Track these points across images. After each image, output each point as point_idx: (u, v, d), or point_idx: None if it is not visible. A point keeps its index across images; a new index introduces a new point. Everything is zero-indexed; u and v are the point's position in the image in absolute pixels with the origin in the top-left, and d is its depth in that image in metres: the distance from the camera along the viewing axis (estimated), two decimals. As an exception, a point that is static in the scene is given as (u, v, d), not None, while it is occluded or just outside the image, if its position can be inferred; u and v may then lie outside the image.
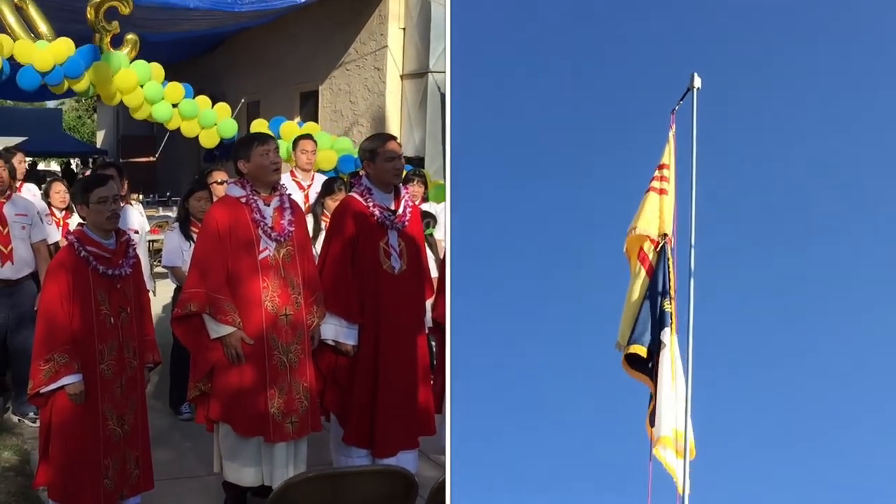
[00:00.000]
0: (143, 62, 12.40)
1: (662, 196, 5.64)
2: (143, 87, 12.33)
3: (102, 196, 5.03)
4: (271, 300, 5.42)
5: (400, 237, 5.90)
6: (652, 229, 5.57)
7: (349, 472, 4.32)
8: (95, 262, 5.00)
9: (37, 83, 11.63)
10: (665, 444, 5.14)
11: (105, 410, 5.04)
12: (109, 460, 5.06)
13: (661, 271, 5.56)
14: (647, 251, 5.60)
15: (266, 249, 5.45)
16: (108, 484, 5.05)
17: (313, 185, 8.79)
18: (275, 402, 5.39)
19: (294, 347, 5.48)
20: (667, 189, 5.64)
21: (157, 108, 12.64)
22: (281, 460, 5.47)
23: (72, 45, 11.76)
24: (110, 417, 5.06)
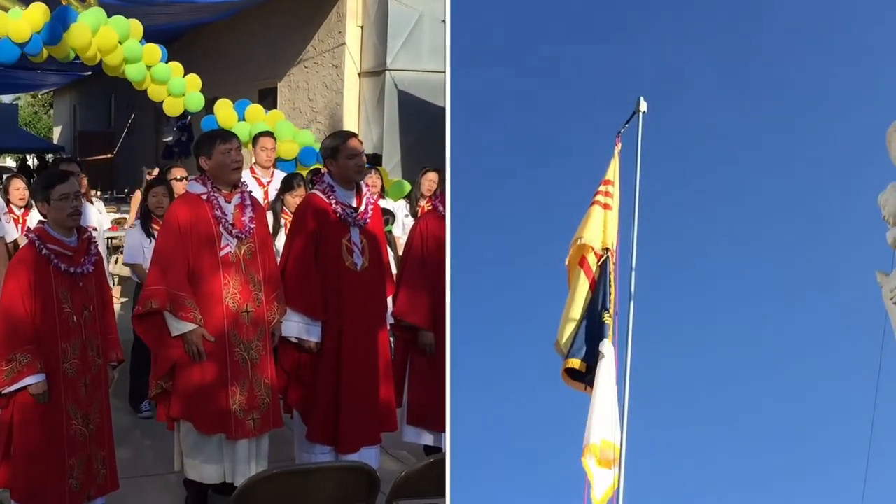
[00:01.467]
0: (121, 17, 11.88)
1: (607, 211, 5.69)
2: (122, 44, 11.85)
3: (64, 193, 4.94)
4: (232, 297, 5.38)
5: (362, 234, 5.89)
6: (596, 242, 5.61)
7: (312, 468, 4.31)
8: (57, 260, 4.91)
9: (16, 56, 11.09)
10: (591, 452, 5.18)
11: (69, 410, 4.95)
12: (74, 460, 4.97)
13: (601, 285, 5.60)
14: (591, 264, 5.65)
15: (227, 246, 5.40)
16: (73, 484, 4.97)
17: (273, 182, 8.76)
18: (236, 399, 5.35)
19: (255, 344, 5.44)
20: (611, 205, 5.71)
21: (132, 68, 12.17)
22: (243, 457, 5.43)
23: (46, 10, 11.14)
24: (74, 417, 4.97)
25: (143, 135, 22.09)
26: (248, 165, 8.77)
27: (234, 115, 12.27)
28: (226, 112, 12.39)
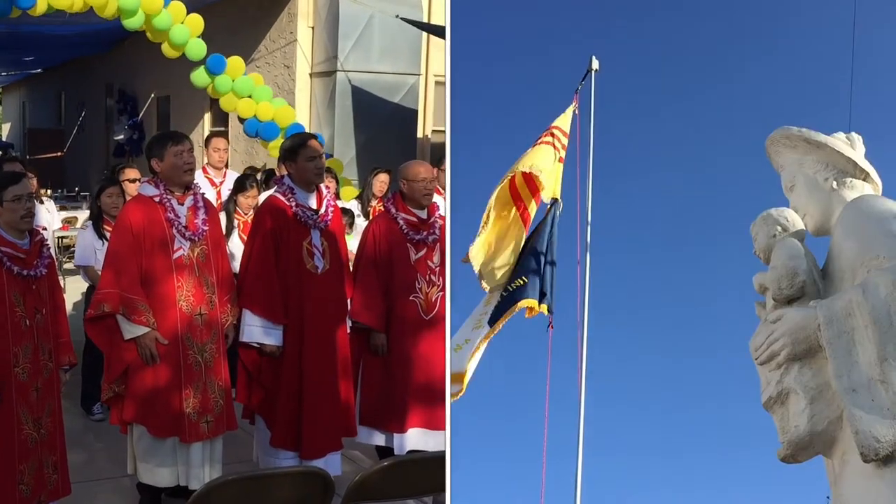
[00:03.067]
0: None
1: (560, 163, 5.74)
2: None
3: (17, 194, 4.80)
4: (186, 300, 5.30)
5: (322, 236, 5.85)
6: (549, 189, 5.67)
7: (267, 473, 4.24)
8: (10, 262, 4.78)
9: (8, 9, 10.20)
10: None
11: (20, 414, 4.82)
12: (25, 465, 4.84)
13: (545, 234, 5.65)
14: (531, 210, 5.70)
15: (180, 249, 5.33)
16: (23, 490, 4.84)
17: (226, 183, 8.67)
18: (190, 402, 5.29)
19: (209, 347, 5.38)
20: (563, 157, 5.76)
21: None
22: (197, 460, 5.37)
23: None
24: (25, 422, 4.84)
25: (94, 133, 21.78)
26: (200, 166, 8.68)
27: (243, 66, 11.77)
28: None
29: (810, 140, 3.63)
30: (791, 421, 3.28)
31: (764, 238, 3.64)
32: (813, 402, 3.20)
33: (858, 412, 2.99)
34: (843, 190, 3.56)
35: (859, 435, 2.96)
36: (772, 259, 3.55)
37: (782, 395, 3.31)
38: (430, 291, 6.21)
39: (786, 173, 3.74)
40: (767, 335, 3.36)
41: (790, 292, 3.40)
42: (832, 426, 3.17)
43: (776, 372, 3.33)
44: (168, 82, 16.81)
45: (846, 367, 3.08)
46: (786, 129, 3.70)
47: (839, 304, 3.16)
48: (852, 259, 3.31)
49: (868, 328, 3.05)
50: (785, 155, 3.73)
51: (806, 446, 3.24)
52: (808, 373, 3.24)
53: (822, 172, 3.61)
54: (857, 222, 3.36)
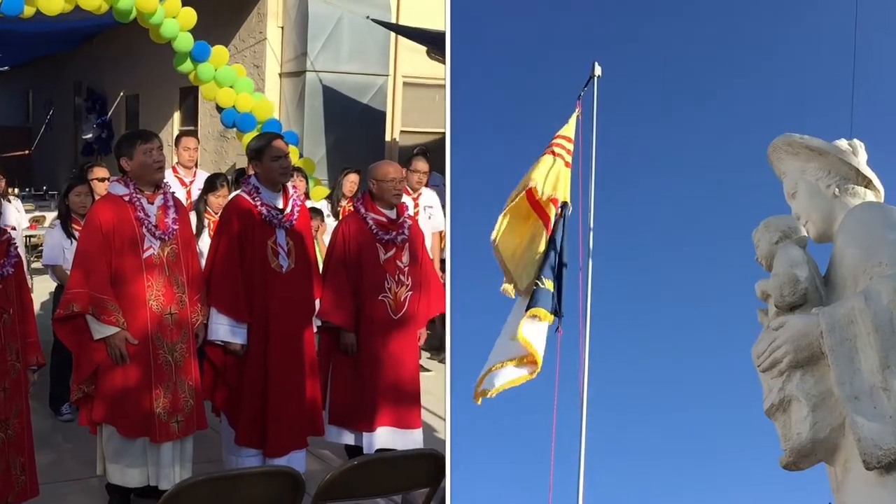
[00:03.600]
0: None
1: (567, 168, 5.79)
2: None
3: None
4: (156, 299, 5.26)
5: (288, 236, 5.82)
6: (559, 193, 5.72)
7: (237, 474, 4.20)
8: None
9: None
10: None
11: (-13, 416, 4.76)
12: (-8, 468, 4.79)
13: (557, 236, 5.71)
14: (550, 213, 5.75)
15: (150, 248, 5.29)
16: (-10, 492, 4.79)
17: (196, 182, 8.62)
18: (160, 402, 5.24)
19: (179, 346, 5.33)
20: (569, 162, 5.81)
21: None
22: (167, 460, 5.32)
23: None
24: (-7, 423, 4.79)
25: (62, 131, 21.56)
26: (170, 165, 8.61)
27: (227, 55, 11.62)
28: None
29: (812, 147, 3.60)
30: (793, 428, 3.25)
31: (766, 245, 3.62)
32: (815, 410, 3.18)
33: (861, 419, 2.96)
34: (846, 197, 3.54)
35: (862, 442, 2.94)
36: (774, 266, 3.52)
37: (784, 402, 3.29)
38: (399, 291, 6.21)
39: (788, 180, 3.71)
40: (770, 342, 3.33)
41: (792, 299, 3.38)
42: (834, 433, 3.15)
43: (778, 379, 3.30)
44: (137, 81, 16.70)
45: (848, 374, 3.06)
46: (788, 137, 3.67)
47: (841, 311, 3.13)
48: (854, 266, 3.29)
49: (870, 335, 3.02)
50: (787, 162, 3.70)
51: (808, 454, 3.22)
52: (810, 380, 3.22)
53: (824, 179, 3.58)
54: (859, 229, 3.34)
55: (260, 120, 11.25)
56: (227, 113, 11.14)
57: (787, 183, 3.72)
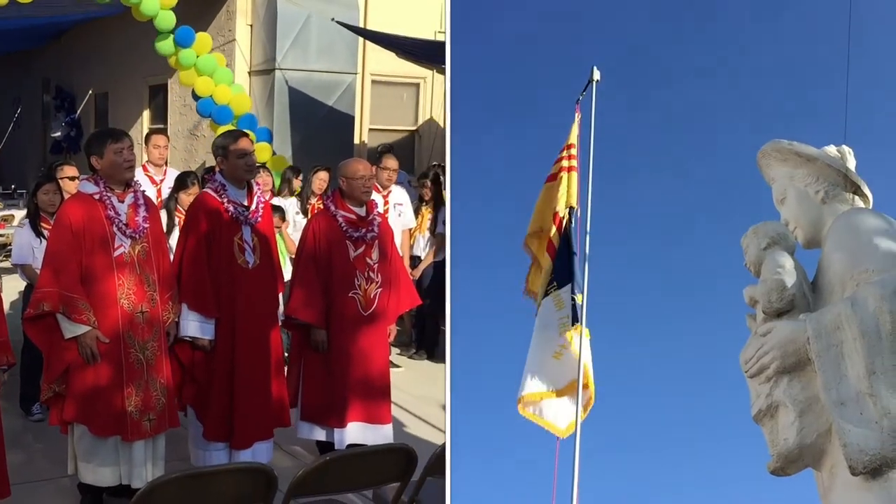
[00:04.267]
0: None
1: (571, 173, 5.86)
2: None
3: None
4: (127, 298, 5.21)
5: (253, 232, 5.84)
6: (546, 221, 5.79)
7: (210, 471, 4.17)
8: None
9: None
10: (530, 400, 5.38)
11: (-42, 416, 4.70)
12: (-37, 467, 4.73)
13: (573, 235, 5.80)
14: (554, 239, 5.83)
15: (121, 247, 5.23)
16: (-38, 492, 4.73)
17: (166, 180, 8.56)
18: (132, 401, 5.20)
19: (151, 344, 5.29)
20: (574, 166, 5.87)
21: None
22: (139, 459, 5.27)
23: None
24: (-37, 423, 4.73)
25: (31, 129, 21.32)
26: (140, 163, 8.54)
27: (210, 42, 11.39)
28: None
29: (801, 153, 3.59)
30: (780, 434, 3.24)
31: (754, 251, 3.58)
32: (802, 415, 3.16)
33: (847, 425, 2.96)
34: (834, 203, 3.53)
35: (848, 448, 2.93)
36: (762, 272, 3.50)
37: (772, 407, 3.28)
38: (369, 288, 6.20)
39: (777, 186, 3.70)
40: (757, 348, 3.32)
41: (780, 305, 3.36)
42: (821, 439, 3.14)
43: (766, 385, 3.29)
44: (106, 79, 16.55)
45: (835, 380, 3.05)
46: (777, 143, 3.65)
47: (828, 317, 3.13)
48: (841, 272, 3.28)
49: (856, 341, 3.02)
50: (776, 168, 3.68)
51: (795, 459, 3.21)
52: (797, 386, 3.20)
53: (812, 185, 3.56)
54: (847, 235, 3.33)
55: (237, 113, 11.15)
56: (203, 103, 11.02)
57: (775, 189, 3.71)
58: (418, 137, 14.00)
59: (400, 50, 12.76)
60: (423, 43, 12.24)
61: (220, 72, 11.14)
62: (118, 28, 15.61)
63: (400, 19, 12.48)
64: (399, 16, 12.68)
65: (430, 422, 7.42)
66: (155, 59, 15.22)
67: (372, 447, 5.21)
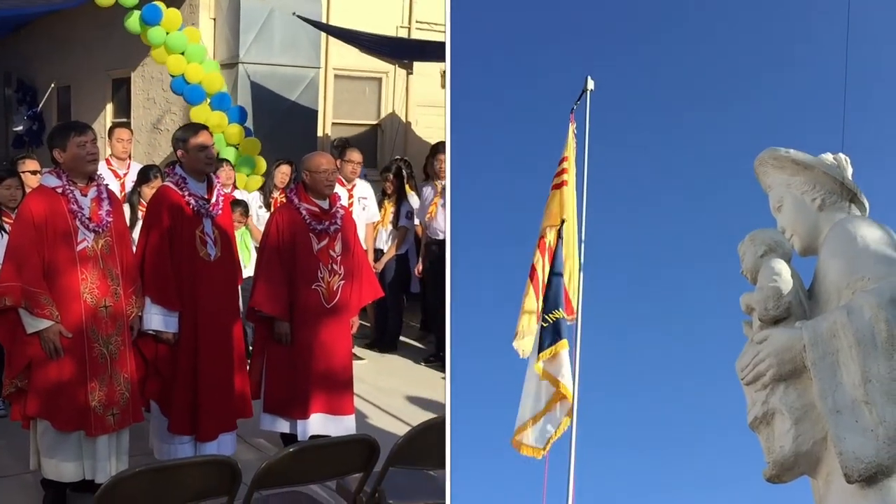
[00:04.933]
0: None
1: (561, 189, 5.86)
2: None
3: None
4: (90, 292, 5.14)
5: (214, 225, 5.80)
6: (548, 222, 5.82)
7: (174, 464, 4.15)
8: None
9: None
10: None
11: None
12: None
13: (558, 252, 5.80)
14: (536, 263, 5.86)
15: (84, 241, 5.17)
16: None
17: (129, 174, 8.47)
18: (95, 395, 5.14)
19: (114, 339, 5.23)
20: (567, 180, 5.86)
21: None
22: (103, 453, 5.22)
23: None
24: (-76, 420, 4.65)
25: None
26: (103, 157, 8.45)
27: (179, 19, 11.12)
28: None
29: (798, 161, 3.56)
30: (776, 441, 3.21)
31: (751, 258, 3.54)
32: (798, 423, 3.14)
33: (843, 433, 2.94)
34: (830, 211, 3.50)
35: (843, 456, 2.92)
36: (758, 279, 3.47)
37: (768, 415, 3.25)
38: (332, 280, 6.19)
39: (773, 194, 3.67)
40: (753, 356, 3.29)
41: (776, 313, 3.33)
42: (817, 446, 3.11)
43: (762, 392, 3.26)
44: (69, 72, 16.32)
45: (831, 388, 3.03)
46: (773, 150, 3.63)
47: (824, 325, 3.10)
48: (838, 280, 3.26)
49: (852, 349, 3.00)
50: (773, 175, 3.65)
51: (791, 466, 3.19)
52: (793, 393, 3.18)
53: (809, 193, 3.53)
54: (843, 243, 3.30)
55: (209, 92, 10.95)
56: (176, 81, 10.82)
57: (772, 196, 3.68)
58: (380, 132, 13.95)
59: (362, 46, 12.71)
60: (385, 39, 12.19)
61: (193, 49, 10.87)
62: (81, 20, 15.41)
63: (362, 15, 12.42)
64: (361, 11, 12.62)
65: (392, 413, 7.42)
66: (117, 53, 15.08)
67: (335, 438, 5.22)
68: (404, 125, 13.91)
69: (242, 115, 11.10)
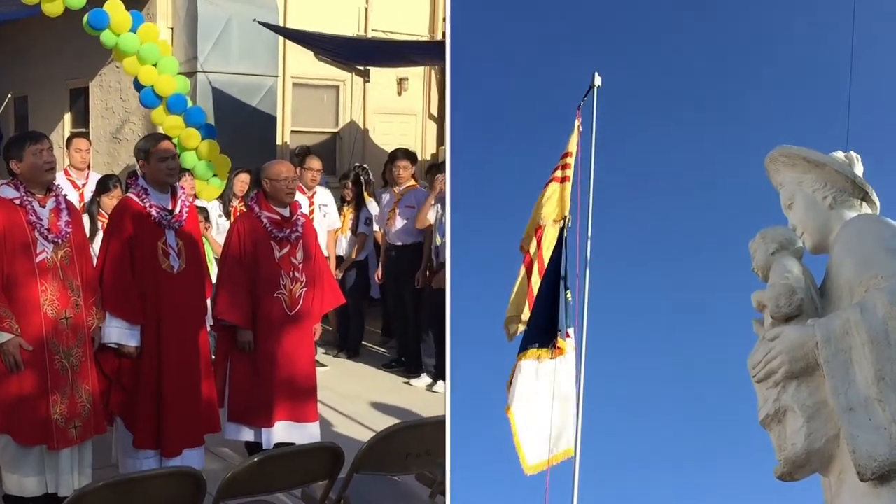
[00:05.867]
0: None
1: (564, 183, 5.78)
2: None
3: None
4: (50, 304, 5.03)
5: (178, 236, 5.68)
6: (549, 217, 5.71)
7: (138, 477, 4.08)
8: None
9: None
10: None
11: None
12: None
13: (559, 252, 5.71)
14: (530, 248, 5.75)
15: (43, 252, 5.05)
16: None
17: (88, 184, 8.35)
18: (57, 408, 5.01)
19: (75, 351, 5.11)
20: (569, 176, 5.79)
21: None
22: (66, 467, 5.10)
23: None
24: None
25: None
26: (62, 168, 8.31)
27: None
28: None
29: (809, 159, 3.50)
30: (788, 439, 3.15)
31: (762, 255, 3.49)
32: (810, 421, 3.08)
33: (855, 431, 2.90)
34: (842, 209, 3.45)
35: (856, 453, 2.87)
36: (770, 277, 3.42)
37: (780, 413, 3.19)
38: (294, 288, 6.14)
39: (784, 191, 3.61)
40: (765, 353, 3.23)
41: (788, 310, 3.28)
42: (829, 444, 3.06)
43: (773, 390, 3.21)
44: (25, 82, 16.08)
45: (843, 385, 2.98)
46: (785, 148, 3.57)
47: (837, 322, 3.06)
48: (850, 278, 3.22)
49: (865, 347, 2.95)
50: (784, 173, 3.60)
51: (803, 464, 3.13)
52: (805, 391, 3.12)
53: (820, 191, 3.48)
54: (855, 241, 3.26)
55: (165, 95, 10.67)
56: (145, 93, 10.59)
57: (783, 194, 3.63)
58: (339, 139, 13.89)
59: (321, 49, 12.64)
60: (344, 41, 12.14)
61: (165, 61, 10.59)
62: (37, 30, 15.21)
63: (318, 22, 12.35)
64: (317, 19, 12.55)
65: (356, 419, 7.37)
66: (75, 62, 14.89)
67: (299, 446, 5.15)
68: (362, 132, 13.87)
69: (201, 115, 10.91)
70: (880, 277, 3.08)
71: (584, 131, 6.03)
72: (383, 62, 12.99)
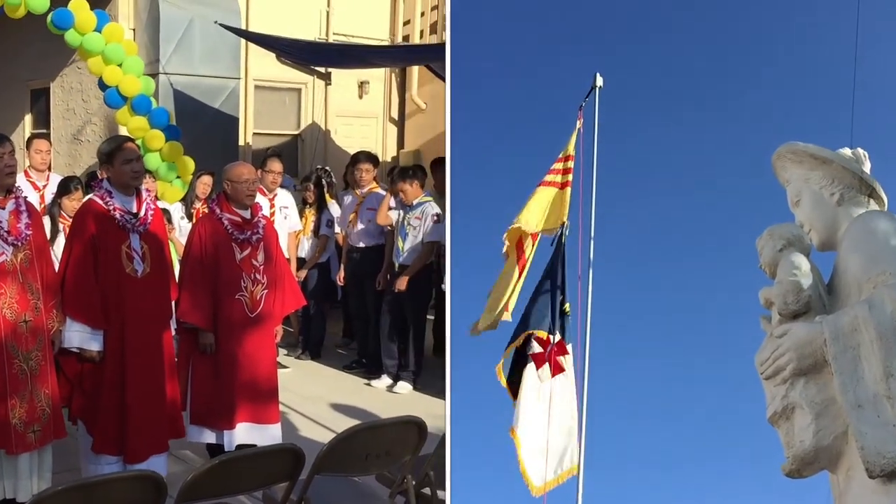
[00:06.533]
0: None
1: (564, 189, 5.69)
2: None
3: None
4: (10, 307, 4.96)
5: (142, 240, 5.57)
6: (531, 226, 5.60)
7: (98, 481, 4.00)
8: None
9: None
10: None
11: None
12: None
13: (556, 260, 5.62)
14: (526, 247, 5.63)
15: (3, 254, 4.98)
16: None
17: (49, 186, 8.24)
18: (16, 412, 4.93)
19: (35, 354, 5.04)
20: (569, 181, 5.71)
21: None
22: (25, 472, 5.03)
23: None
24: None
25: None
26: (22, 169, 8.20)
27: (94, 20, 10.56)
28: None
29: (816, 156, 3.48)
30: (796, 436, 3.14)
31: (769, 252, 3.46)
32: (818, 417, 3.06)
33: (864, 428, 2.88)
34: (849, 205, 3.42)
35: (865, 450, 2.85)
36: (777, 274, 3.39)
37: (788, 409, 3.17)
38: (255, 290, 6.09)
39: (791, 188, 3.58)
40: (773, 350, 3.21)
41: (796, 307, 3.26)
42: (838, 441, 3.04)
43: (782, 387, 3.19)
44: (-15, 83, 15.88)
45: (852, 382, 2.96)
46: (792, 145, 3.55)
47: (845, 319, 3.02)
48: (858, 274, 3.20)
49: (874, 344, 2.93)
50: (791, 170, 3.58)
51: (811, 461, 3.11)
52: (813, 388, 3.10)
53: (827, 188, 3.45)
54: (863, 238, 3.24)
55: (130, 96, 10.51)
56: (110, 93, 10.43)
57: (790, 191, 3.61)
58: (301, 142, 13.84)
59: (283, 52, 12.59)
60: (305, 44, 12.09)
61: (130, 61, 10.43)
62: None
63: (280, 26, 12.28)
64: (279, 22, 12.49)
65: (318, 421, 7.34)
66: (36, 63, 14.70)
67: (260, 448, 5.11)
68: (324, 134, 13.81)
69: (165, 116, 10.78)
70: (888, 274, 3.07)
71: (585, 132, 5.97)
72: (344, 65, 12.94)
